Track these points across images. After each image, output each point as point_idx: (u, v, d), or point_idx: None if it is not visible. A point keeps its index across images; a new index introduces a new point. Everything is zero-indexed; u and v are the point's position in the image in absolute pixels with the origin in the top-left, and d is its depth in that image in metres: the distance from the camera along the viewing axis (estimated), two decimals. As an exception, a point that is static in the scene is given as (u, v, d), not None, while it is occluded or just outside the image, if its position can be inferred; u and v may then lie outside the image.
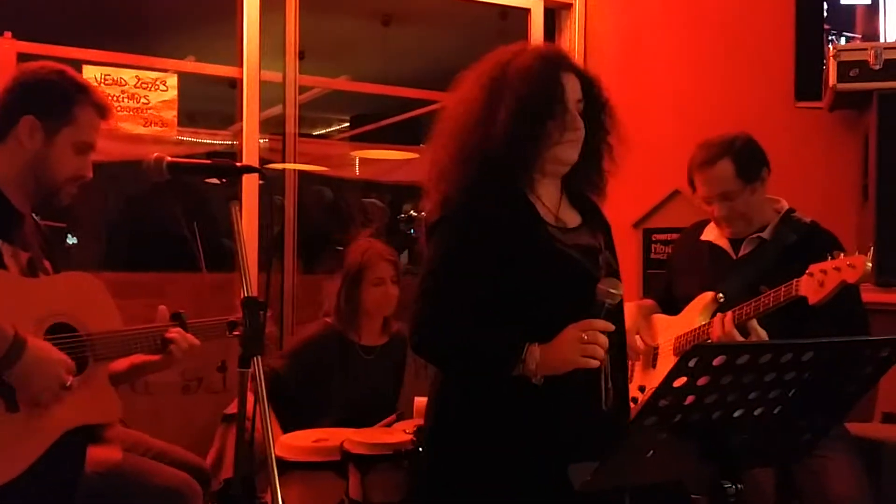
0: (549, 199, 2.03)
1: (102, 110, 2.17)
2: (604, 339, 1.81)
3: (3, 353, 1.86)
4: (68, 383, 1.96)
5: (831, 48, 3.26)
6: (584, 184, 2.08)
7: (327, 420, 2.97)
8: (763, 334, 2.43)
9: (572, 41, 4.27)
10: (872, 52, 3.15)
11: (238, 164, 2.08)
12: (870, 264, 2.22)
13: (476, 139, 1.95)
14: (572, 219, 2.06)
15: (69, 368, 1.97)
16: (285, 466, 2.50)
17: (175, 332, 2.22)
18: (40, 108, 2.09)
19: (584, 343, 1.80)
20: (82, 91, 2.14)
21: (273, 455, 1.91)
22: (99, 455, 2.21)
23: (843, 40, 3.49)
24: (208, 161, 2.08)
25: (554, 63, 1.97)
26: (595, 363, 1.81)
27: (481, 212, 1.92)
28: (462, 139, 1.98)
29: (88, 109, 2.14)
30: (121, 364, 2.27)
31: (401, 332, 3.18)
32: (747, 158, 2.66)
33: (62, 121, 2.11)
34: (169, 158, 2.03)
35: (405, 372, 3.22)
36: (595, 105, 2.02)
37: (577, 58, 3.83)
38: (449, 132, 2.01)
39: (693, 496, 2.57)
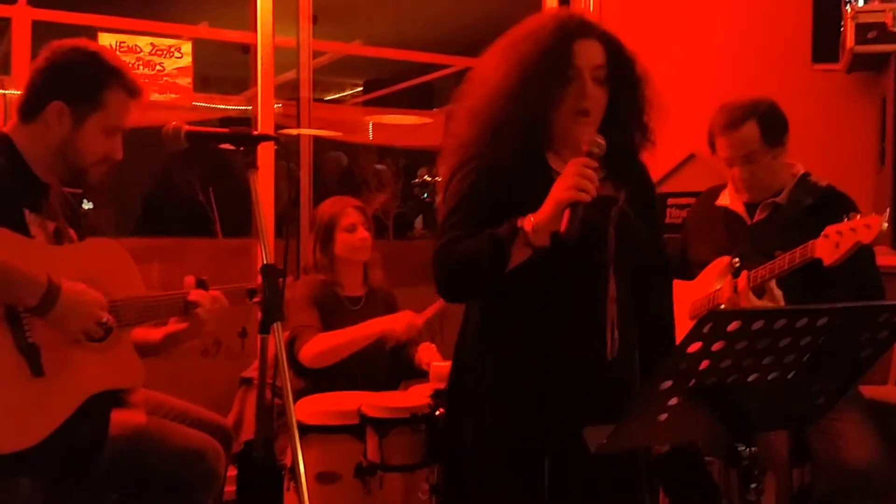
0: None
1: (134, 92, 2.15)
2: (590, 174, 1.82)
3: (39, 299, 1.92)
4: (104, 319, 2.02)
5: (849, 9, 3.22)
6: (620, 143, 2.04)
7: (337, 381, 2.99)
8: (779, 295, 2.43)
9: (587, 5, 4.23)
10: (891, 13, 3.13)
11: (255, 132, 2.09)
12: (886, 224, 2.21)
13: (490, 105, 1.98)
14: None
15: (104, 305, 2.04)
16: (303, 430, 2.53)
17: (197, 295, 2.23)
18: (69, 94, 2.08)
19: (571, 176, 1.81)
20: (114, 74, 2.11)
21: (294, 419, 1.94)
22: (123, 418, 2.24)
23: (861, 1, 3.45)
24: (226, 130, 2.09)
25: (567, 29, 1.97)
26: (582, 195, 1.79)
27: (496, 164, 1.97)
28: (477, 106, 2.01)
29: (119, 93, 2.12)
30: (155, 335, 2.31)
31: (384, 286, 3.25)
32: (772, 122, 2.65)
33: (91, 106, 2.10)
34: (187, 127, 2.04)
35: None
36: (622, 66, 2.01)
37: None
38: (466, 100, 2.04)
39: (707, 458, 2.60)
